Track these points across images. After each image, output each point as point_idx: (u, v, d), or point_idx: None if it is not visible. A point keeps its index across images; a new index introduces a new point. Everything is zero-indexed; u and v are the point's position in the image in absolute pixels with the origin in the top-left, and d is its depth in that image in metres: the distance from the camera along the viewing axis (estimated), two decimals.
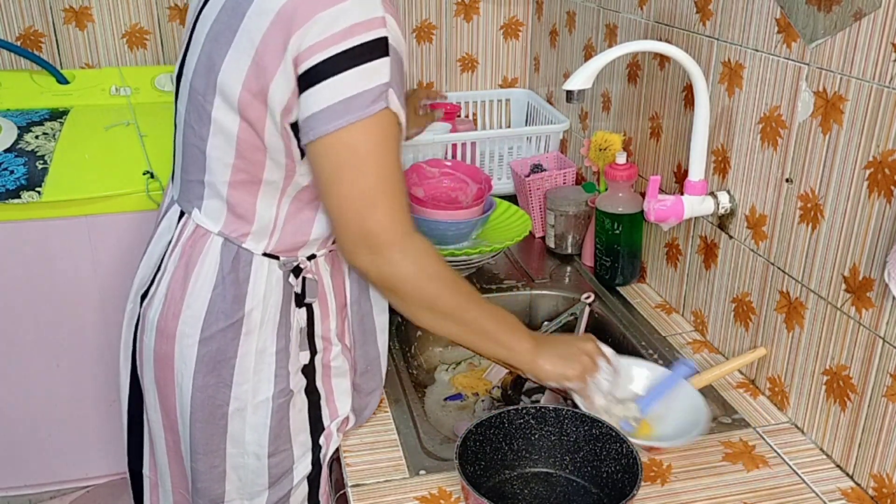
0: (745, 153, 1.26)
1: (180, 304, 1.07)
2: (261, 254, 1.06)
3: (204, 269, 1.06)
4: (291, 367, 1.10)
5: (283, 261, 1.08)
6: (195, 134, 1.05)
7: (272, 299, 1.07)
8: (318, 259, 1.11)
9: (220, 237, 1.06)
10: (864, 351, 1.05)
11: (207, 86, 1.01)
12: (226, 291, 1.05)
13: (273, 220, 1.05)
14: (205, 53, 1.02)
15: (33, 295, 1.76)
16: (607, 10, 1.70)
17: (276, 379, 1.08)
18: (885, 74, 0.97)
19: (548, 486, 1.09)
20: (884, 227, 1.00)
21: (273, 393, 1.09)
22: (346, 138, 0.94)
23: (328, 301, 1.13)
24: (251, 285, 1.06)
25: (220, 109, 1.00)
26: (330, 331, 1.13)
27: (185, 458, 1.14)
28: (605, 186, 1.59)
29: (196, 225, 1.08)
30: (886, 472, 1.03)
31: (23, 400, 1.85)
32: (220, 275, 1.06)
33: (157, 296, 1.11)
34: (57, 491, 1.98)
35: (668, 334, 1.44)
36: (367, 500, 1.05)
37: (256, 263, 1.06)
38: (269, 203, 1.04)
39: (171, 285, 1.09)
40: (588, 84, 1.22)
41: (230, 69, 0.97)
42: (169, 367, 1.10)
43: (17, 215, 1.68)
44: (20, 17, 1.97)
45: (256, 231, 1.05)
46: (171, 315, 1.08)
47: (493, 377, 1.49)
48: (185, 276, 1.08)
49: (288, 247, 1.08)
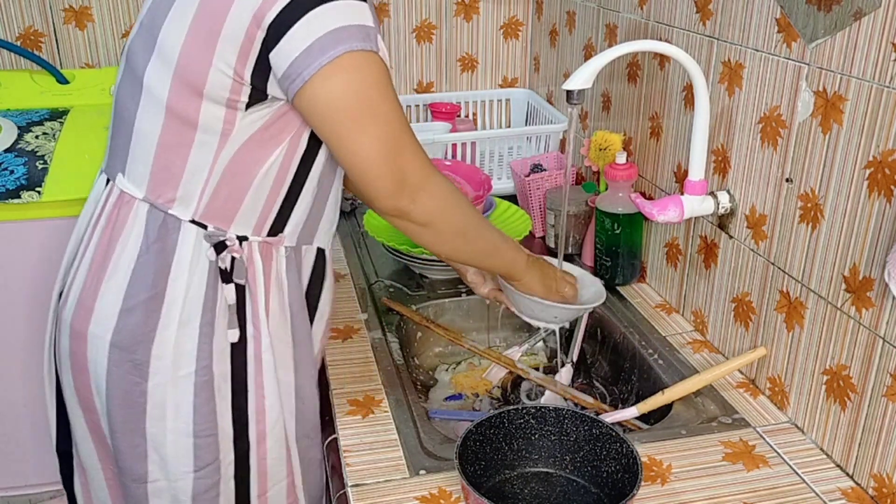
0: (745, 153, 1.26)
1: (101, 274, 1.05)
2: (188, 220, 1.03)
3: (130, 239, 1.04)
4: (216, 345, 1.06)
5: (209, 232, 1.03)
6: (126, 95, 1.04)
7: (198, 269, 1.03)
8: (251, 244, 1.06)
9: (145, 203, 1.03)
10: (864, 351, 1.05)
11: (146, 45, 1.00)
12: (150, 260, 1.03)
13: (202, 185, 1.01)
14: (148, 17, 1.02)
15: (33, 295, 1.76)
16: (607, 10, 1.70)
17: (198, 353, 1.05)
18: (885, 74, 0.97)
19: (548, 486, 1.09)
20: (884, 226, 1.00)
21: (196, 368, 1.05)
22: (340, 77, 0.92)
23: (257, 287, 1.07)
24: (177, 254, 1.03)
25: (154, 66, 0.99)
26: (259, 313, 1.07)
27: (107, 437, 1.12)
28: (605, 186, 1.59)
29: (121, 191, 1.06)
30: (886, 472, 1.03)
31: (23, 400, 1.84)
32: (146, 244, 1.03)
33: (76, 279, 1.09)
34: (57, 491, 1.97)
35: (668, 334, 1.44)
36: (367, 500, 1.05)
37: (184, 231, 1.03)
38: (199, 168, 1.01)
39: (94, 257, 1.07)
40: (588, 84, 1.22)
41: (173, 24, 0.97)
42: (82, 349, 1.08)
43: (17, 215, 1.68)
44: (20, 17, 1.97)
45: (183, 196, 1.02)
46: (90, 290, 1.06)
47: (493, 377, 1.49)
48: (108, 245, 1.05)
49: (216, 215, 1.03)
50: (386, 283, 1.62)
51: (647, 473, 1.09)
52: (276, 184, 1.04)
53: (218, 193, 1.02)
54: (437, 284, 1.62)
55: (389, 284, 1.62)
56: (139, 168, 1.03)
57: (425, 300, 1.57)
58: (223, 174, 1.01)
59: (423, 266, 1.63)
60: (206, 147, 1.00)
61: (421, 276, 1.65)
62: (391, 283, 1.62)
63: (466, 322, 1.58)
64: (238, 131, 0.99)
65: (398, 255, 1.63)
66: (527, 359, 1.54)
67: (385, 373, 1.33)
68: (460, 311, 1.58)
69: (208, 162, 1.00)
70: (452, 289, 1.59)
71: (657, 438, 1.17)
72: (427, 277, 1.64)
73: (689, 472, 1.10)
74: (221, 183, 1.02)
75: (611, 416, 1.24)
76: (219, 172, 1.01)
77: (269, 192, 1.05)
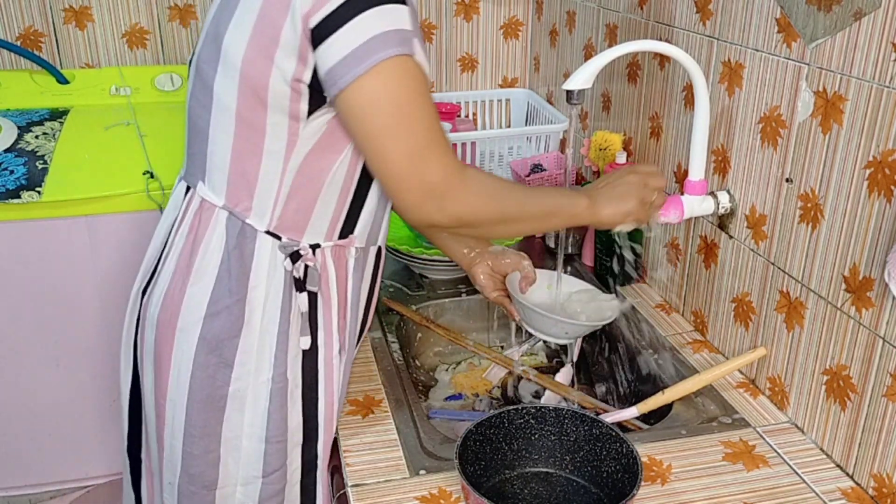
0: (745, 153, 1.26)
1: (187, 279, 1.07)
2: (263, 231, 1.06)
3: (212, 244, 1.06)
4: (290, 353, 1.09)
5: (283, 243, 1.06)
6: (199, 104, 1.06)
7: (275, 279, 1.06)
8: (323, 250, 1.09)
9: (224, 211, 1.06)
10: (864, 351, 1.05)
11: (212, 54, 1.02)
12: (231, 267, 1.05)
13: (275, 195, 1.04)
14: (213, 25, 1.04)
15: (33, 295, 1.76)
16: (607, 9, 1.70)
17: (275, 361, 1.08)
18: (885, 74, 0.97)
19: (548, 486, 1.09)
20: (884, 226, 1.00)
21: (273, 374, 1.08)
22: (375, 84, 0.93)
23: (331, 293, 1.11)
24: (255, 262, 1.06)
25: (221, 75, 1.01)
26: (332, 319, 1.11)
27: (174, 443, 1.12)
28: None
29: (202, 199, 1.08)
30: (886, 472, 1.03)
31: (23, 400, 1.84)
32: (226, 250, 1.05)
33: (161, 279, 1.11)
34: (57, 491, 1.98)
35: (668, 334, 1.44)
36: (367, 500, 1.05)
37: (260, 241, 1.06)
38: (271, 177, 1.03)
39: (179, 261, 1.09)
40: (588, 84, 1.22)
41: (235, 32, 0.99)
42: (168, 347, 1.09)
43: (17, 215, 1.68)
44: (20, 16, 1.97)
45: (258, 206, 1.05)
46: (176, 291, 1.08)
47: (493, 377, 1.49)
48: (192, 250, 1.08)
49: (290, 226, 1.06)
50: (386, 282, 1.62)
51: (647, 473, 1.09)
52: (343, 190, 1.07)
53: (289, 205, 1.05)
54: (437, 284, 1.62)
55: (389, 284, 1.62)
56: (217, 176, 1.06)
57: (425, 300, 1.57)
58: (292, 185, 1.03)
59: (424, 266, 1.63)
60: (274, 156, 1.01)
61: (421, 276, 1.65)
62: (391, 283, 1.62)
63: (466, 322, 1.59)
64: (302, 141, 1.01)
65: (398, 255, 1.63)
66: (527, 359, 1.54)
67: (385, 373, 1.33)
68: (460, 311, 1.58)
69: (278, 171, 1.02)
70: (452, 289, 1.60)
71: (657, 438, 1.17)
72: (427, 277, 1.64)
73: (689, 472, 1.10)
74: (291, 194, 1.04)
75: (611, 416, 1.24)
76: (288, 183, 1.03)
77: (336, 199, 1.07)
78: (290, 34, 0.94)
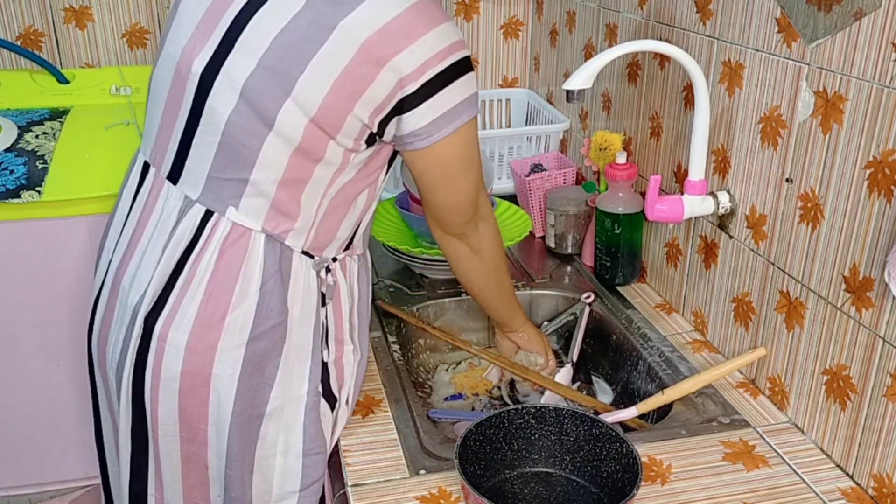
0: (745, 153, 1.26)
1: (225, 305, 1.05)
2: (300, 251, 1.08)
3: (249, 267, 1.05)
4: (321, 366, 1.11)
5: (318, 259, 1.10)
6: (245, 132, 1.01)
7: (309, 296, 1.09)
8: (338, 262, 1.14)
9: (262, 234, 1.05)
10: (864, 351, 1.05)
11: (273, 89, 0.99)
12: (274, 288, 1.06)
13: (313, 217, 1.07)
14: (272, 60, 0.99)
15: (33, 295, 1.76)
16: (607, 9, 1.70)
17: (310, 375, 1.10)
18: (885, 74, 0.97)
19: (548, 486, 1.09)
20: (884, 227, 1.00)
21: (308, 389, 1.10)
22: (456, 142, 1.07)
23: (342, 299, 1.15)
24: (292, 282, 1.08)
25: (289, 111, 0.99)
26: (343, 332, 1.15)
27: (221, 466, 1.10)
28: (605, 186, 1.59)
29: (233, 224, 1.05)
30: (886, 472, 1.03)
31: (23, 400, 1.84)
32: (267, 272, 1.06)
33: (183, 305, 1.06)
34: (57, 491, 1.98)
35: (668, 334, 1.44)
36: (367, 499, 1.05)
37: (296, 261, 1.08)
38: (312, 200, 1.06)
39: (209, 289, 1.05)
40: (588, 84, 1.22)
41: (314, 79, 0.98)
42: (201, 378, 1.06)
43: (17, 215, 1.68)
44: (20, 16, 1.97)
45: (298, 228, 1.07)
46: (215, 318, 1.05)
47: (492, 377, 1.49)
48: (226, 276, 1.05)
49: (319, 244, 1.10)
50: (386, 282, 1.62)
51: (647, 473, 1.09)
52: (363, 210, 1.14)
53: (322, 225, 1.09)
54: (437, 284, 1.62)
55: (389, 284, 1.62)
56: (258, 201, 1.04)
57: (425, 300, 1.57)
58: (328, 208, 1.08)
59: (424, 266, 1.63)
60: (319, 182, 1.05)
61: (421, 276, 1.65)
62: (391, 283, 1.62)
63: (466, 322, 1.59)
64: (349, 167, 1.06)
65: (398, 255, 1.63)
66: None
67: (385, 373, 1.33)
68: (460, 311, 1.58)
69: (319, 195, 1.07)
70: (452, 289, 1.59)
71: (657, 438, 1.17)
72: (427, 277, 1.64)
73: (689, 472, 1.10)
74: (326, 215, 1.09)
75: (611, 416, 1.24)
76: (325, 206, 1.08)
77: (357, 217, 1.14)
78: (380, 90, 0.99)
